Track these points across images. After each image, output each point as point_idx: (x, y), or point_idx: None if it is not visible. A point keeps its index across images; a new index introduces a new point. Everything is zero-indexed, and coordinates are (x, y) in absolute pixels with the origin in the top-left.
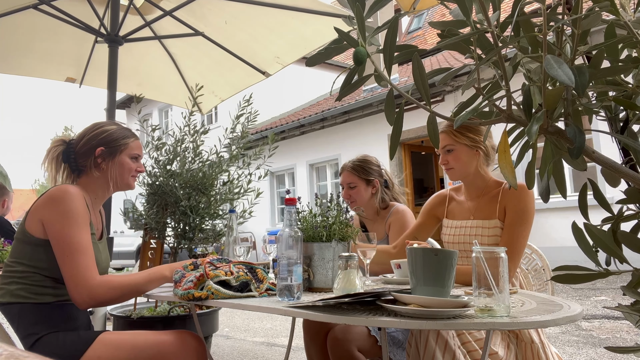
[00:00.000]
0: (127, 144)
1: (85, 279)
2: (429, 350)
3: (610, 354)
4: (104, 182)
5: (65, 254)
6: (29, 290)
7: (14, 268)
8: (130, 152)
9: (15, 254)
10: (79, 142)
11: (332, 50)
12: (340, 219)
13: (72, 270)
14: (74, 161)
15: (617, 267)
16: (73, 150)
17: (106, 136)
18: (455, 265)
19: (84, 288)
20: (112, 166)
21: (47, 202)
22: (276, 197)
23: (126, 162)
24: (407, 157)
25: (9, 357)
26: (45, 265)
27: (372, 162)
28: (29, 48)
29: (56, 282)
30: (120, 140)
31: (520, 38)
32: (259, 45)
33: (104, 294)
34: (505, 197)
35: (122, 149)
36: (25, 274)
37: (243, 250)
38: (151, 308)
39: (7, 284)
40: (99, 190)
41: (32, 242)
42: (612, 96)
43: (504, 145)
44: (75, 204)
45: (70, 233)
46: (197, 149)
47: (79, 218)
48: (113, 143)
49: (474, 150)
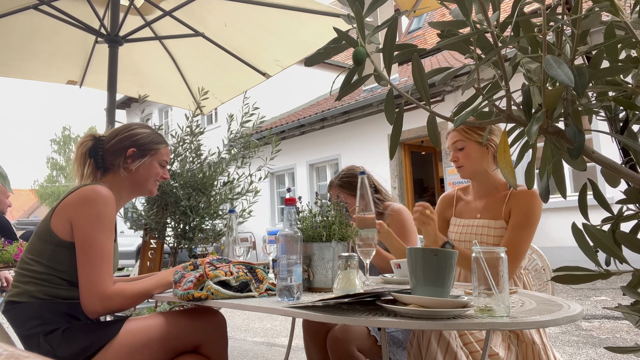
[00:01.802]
0: (159, 150)
1: (102, 289)
2: (431, 351)
3: (610, 354)
4: (130, 183)
5: (88, 259)
6: (45, 293)
7: (32, 267)
8: (160, 158)
9: (35, 251)
10: (110, 140)
11: (331, 50)
12: (340, 219)
13: (91, 277)
14: (101, 158)
15: (617, 268)
16: (102, 147)
17: (139, 138)
18: (455, 266)
19: (98, 297)
20: (141, 169)
21: (79, 202)
22: (276, 197)
23: (154, 167)
24: (407, 157)
25: (9, 357)
26: (66, 268)
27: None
28: (30, 50)
29: (70, 284)
30: (153, 144)
31: (520, 38)
32: (259, 47)
33: (118, 305)
34: (512, 200)
35: (153, 154)
36: (44, 275)
37: (243, 250)
38: (151, 308)
39: (24, 284)
40: (123, 191)
41: (55, 242)
42: (611, 96)
43: (504, 145)
44: (108, 208)
45: (98, 238)
46: (197, 149)
47: (109, 224)
48: (146, 146)
49: (484, 148)
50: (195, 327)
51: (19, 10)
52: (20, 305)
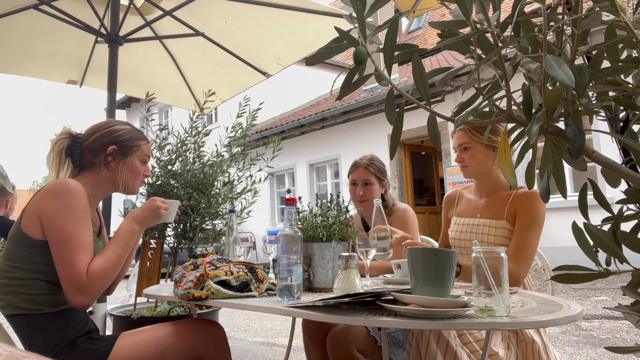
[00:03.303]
0: (139, 146)
1: (81, 281)
2: (431, 351)
3: (610, 354)
4: (111, 182)
5: (62, 253)
6: (29, 301)
7: (12, 274)
8: (141, 155)
9: (12, 257)
10: (87, 137)
11: (332, 50)
12: (340, 219)
13: (67, 272)
14: (79, 156)
15: (617, 267)
16: (79, 145)
17: (119, 135)
18: (455, 265)
19: (80, 291)
20: (122, 167)
21: (46, 196)
22: (276, 197)
23: (136, 165)
24: (407, 157)
25: (9, 357)
26: (43, 269)
27: (382, 163)
28: (30, 49)
29: (53, 286)
30: (133, 141)
31: (520, 38)
32: (259, 46)
33: (102, 286)
34: (516, 201)
35: (134, 151)
36: (24, 281)
37: (243, 250)
38: (151, 308)
39: (6, 294)
40: (99, 187)
41: (29, 244)
42: (612, 96)
43: (504, 146)
44: (78, 199)
45: (70, 229)
46: (198, 149)
47: (81, 214)
48: (126, 143)
49: (490, 150)
50: (196, 341)
51: (19, 10)
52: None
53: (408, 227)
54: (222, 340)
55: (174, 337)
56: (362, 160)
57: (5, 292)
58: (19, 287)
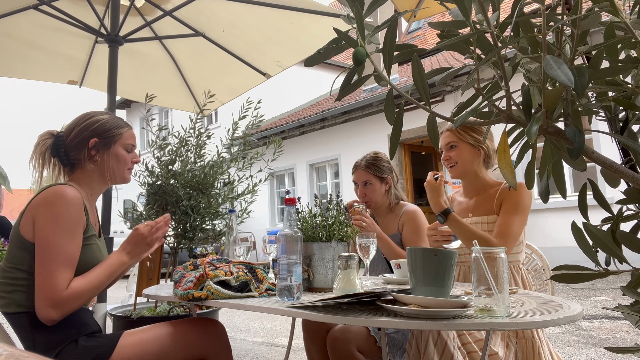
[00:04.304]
0: (121, 134)
1: (55, 295)
2: (429, 352)
3: (610, 354)
4: (99, 175)
5: (42, 263)
6: (33, 299)
7: (14, 275)
8: (124, 143)
9: (14, 259)
10: (69, 134)
11: (331, 50)
12: (340, 218)
13: (44, 282)
14: (65, 154)
15: (617, 267)
16: (63, 143)
17: (99, 126)
18: (455, 265)
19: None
20: (108, 158)
21: (41, 203)
22: (276, 197)
23: (121, 154)
24: (407, 157)
25: (9, 357)
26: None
27: (384, 159)
28: (30, 50)
29: None
30: (114, 129)
31: (519, 38)
32: (259, 47)
33: (74, 307)
34: (502, 194)
35: (117, 139)
36: (27, 281)
37: (243, 250)
38: (151, 308)
39: (10, 293)
40: (94, 183)
41: (27, 247)
42: (611, 96)
43: (503, 146)
44: (69, 210)
45: (53, 241)
46: (199, 150)
47: (70, 226)
48: (107, 133)
49: (476, 150)
50: (198, 340)
51: (19, 11)
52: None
53: (417, 232)
54: (224, 339)
55: (177, 336)
56: (361, 161)
57: (8, 291)
58: (22, 287)
